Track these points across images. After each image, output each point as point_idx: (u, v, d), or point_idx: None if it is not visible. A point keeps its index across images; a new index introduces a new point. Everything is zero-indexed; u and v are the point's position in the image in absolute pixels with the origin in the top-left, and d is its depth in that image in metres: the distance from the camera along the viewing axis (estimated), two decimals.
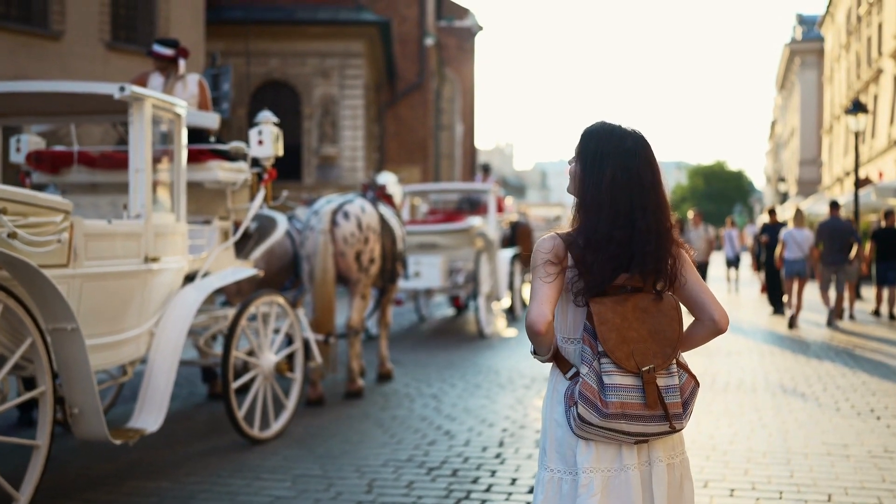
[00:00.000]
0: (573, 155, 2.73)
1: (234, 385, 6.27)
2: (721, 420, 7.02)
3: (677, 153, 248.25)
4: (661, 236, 2.66)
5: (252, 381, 6.66)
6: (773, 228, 16.04)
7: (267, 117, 6.59)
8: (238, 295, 7.87)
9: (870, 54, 34.05)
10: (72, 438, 5.69)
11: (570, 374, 2.66)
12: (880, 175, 29.81)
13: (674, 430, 2.59)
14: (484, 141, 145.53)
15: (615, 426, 2.50)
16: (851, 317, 15.08)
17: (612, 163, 2.63)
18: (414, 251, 12.84)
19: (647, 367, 2.53)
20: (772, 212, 16.93)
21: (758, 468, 5.61)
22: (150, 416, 5.19)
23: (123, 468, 5.73)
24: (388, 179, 9.64)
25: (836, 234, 13.95)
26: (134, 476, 5.57)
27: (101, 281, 4.85)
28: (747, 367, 9.68)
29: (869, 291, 18.99)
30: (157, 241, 5.34)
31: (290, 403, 6.84)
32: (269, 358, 6.61)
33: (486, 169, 16.78)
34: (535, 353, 2.73)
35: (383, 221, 8.39)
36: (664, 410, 2.53)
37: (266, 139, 6.48)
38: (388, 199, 9.29)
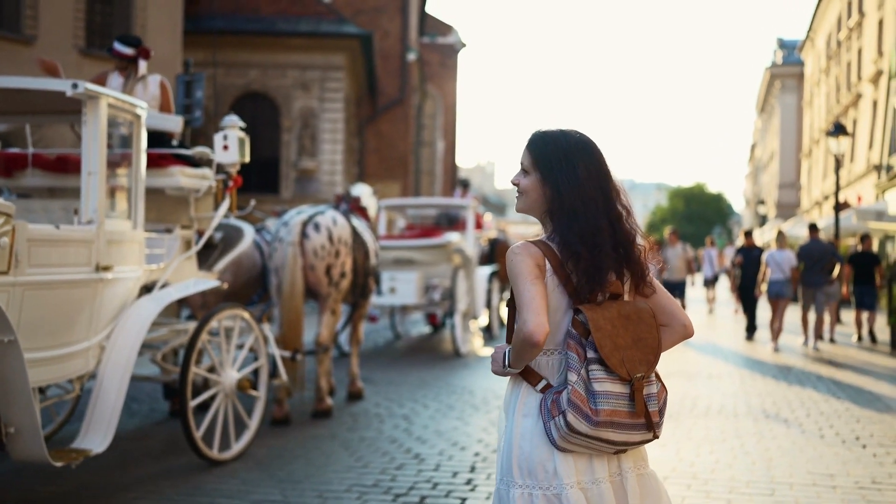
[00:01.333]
0: (520, 170, 2.65)
1: (193, 403, 5.95)
2: (702, 447, 6.75)
3: (657, 175, 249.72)
4: (635, 235, 2.64)
5: (212, 398, 6.34)
6: (748, 251, 15.64)
7: (233, 121, 6.29)
8: (203, 308, 7.55)
9: (849, 79, 34.18)
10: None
11: (540, 386, 2.58)
12: (859, 199, 29.82)
13: (654, 439, 2.57)
14: (465, 158, 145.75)
15: (603, 435, 2.45)
16: (832, 340, 15.08)
17: (580, 157, 2.59)
18: (390, 266, 12.56)
19: (638, 375, 2.50)
20: (748, 234, 16.50)
21: (741, 499, 5.34)
22: (96, 436, 4.85)
23: (69, 491, 5.39)
24: (362, 191, 9.34)
25: (816, 256, 14.12)
26: (80, 499, 5.23)
27: (45, 290, 4.53)
28: (728, 391, 9.43)
29: (849, 315, 18.84)
30: (111, 248, 5.02)
31: (253, 423, 6.52)
32: (231, 375, 6.29)
33: (465, 185, 16.51)
34: (508, 366, 2.59)
35: (356, 234, 8.10)
36: (647, 419, 2.51)
37: (231, 144, 6.18)
38: (361, 212, 9.00)
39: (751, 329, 15.49)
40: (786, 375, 10.73)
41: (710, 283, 23.28)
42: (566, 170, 2.56)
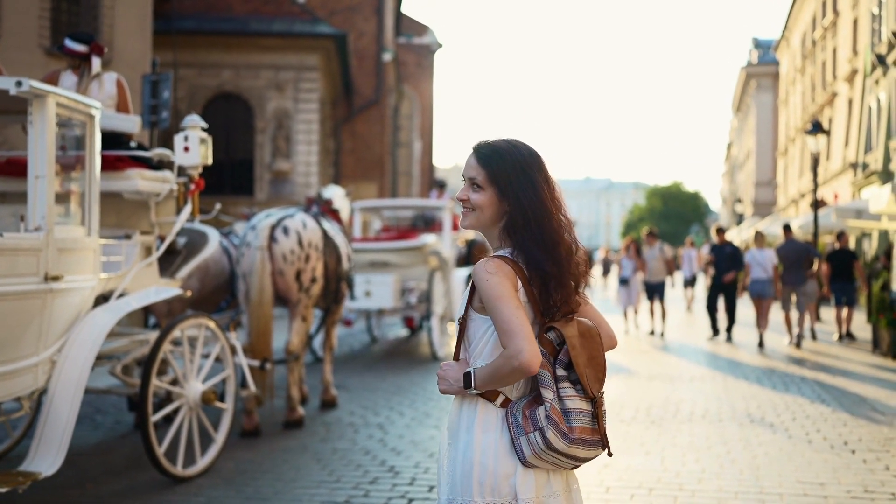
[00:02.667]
0: (470, 184, 2.55)
1: (155, 417, 5.65)
2: (687, 455, 6.52)
3: (634, 174, 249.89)
4: (578, 246, 2.62)
5: (176, 412, 6.04)
6: (720, 249, 15.23)
7: (194, 121, 5.98)
8: (169, 316, 7.25)
9: (824, 78, 34.23)
10: None
11: (499, 401, 2.51)
12: (836, 197, 29.84)
13: (607, 454, 2.57)
14: (443, 159, 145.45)
15: (574, 452, 2.44)
16: (813, 336, 15.16)
17: (535, 170, 2.54)
18: (365, 270, 12.28)
19: (601, 392, 2.51)
20: (720, 230, 16.05)
21: None
22: (46, 458, 4.54)
23: None
24: (334, 193, 9.05)
25: (792, 255, 14.35)
26: None
27: None
28: (711, 395, 9.22)
29: (829, 314, 18.77)
30: (61, 257, 4.72)
31: (220, 437, 6.22)
32: (196, 387, 5.99)
33: (442, 185, 16.24)
34: (474, 388, 2.48)
35: (326, 238, 7.81)
36: (603, 435, 2.51)
37: (193, 145, 5.86)
38: (334, 215, 8.70)
39: (715, 328, 15.11)
40: (769, 377, 10.54)
41: (690, 283, 23.47)
42: (525, 184, 2.50)
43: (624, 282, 16.25)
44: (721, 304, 15.10)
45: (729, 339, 14.83)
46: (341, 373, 10.80)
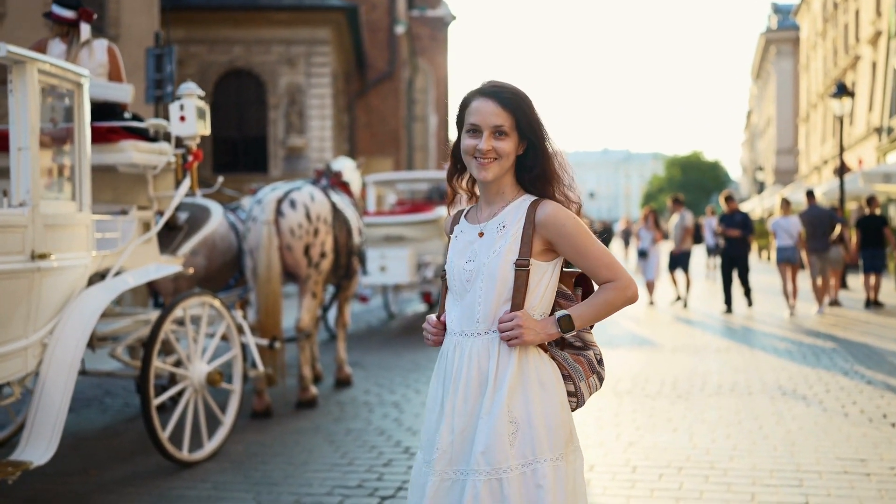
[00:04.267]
0: (495, 131, 2.48)
1: (158, 400, 5.39)
2: (717, 430, 6.20)
3: (653, 144, 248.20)
4: None
5: (181, 394, 5.78)
6: (730, 217, 14.60)
7: (190, 90, 5.65)
8: (175, 295, 6.98)
9: (847, 41, 33.49)
10: None
11: (548, 352, 2.58)
12: (860, 162, 29.23)
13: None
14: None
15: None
16: (836, 303, 14.90)
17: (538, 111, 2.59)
18: (379, 244, 12.01)
19: None
20: (729, 198, 15.20)
21: (766, 492, 4.79)
22: (37, 446, 4.28)
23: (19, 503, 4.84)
24: (344, 165, 8.73)
25: (816, 222, 14.13)
26: None
27: None
28: (739, 366, 8.89)
29: (857, 281, 18.34)
30: (50, 234, 4.44)
31: (227, 419, 5.97)
32: (200, 368, 5.73)
33: None
34: (570, 329, 2.51)
35: (336, 211, 7.50)
36: None
37: (189, 115, 5.55)
38: (344, 187, 8.39)
39: (730, 302, 14.35)
40: (798, 347, 10.19)
41: (713, 252, 23.00)
42: (544, 127, 2.53)
43: (643, 254, 15.81)
44: (735, 277, 14.54)
45: (749, 304, 14.56)
46: (357, 350, 10.55)
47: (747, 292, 14.64)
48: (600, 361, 2.63)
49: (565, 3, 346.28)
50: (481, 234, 2.53)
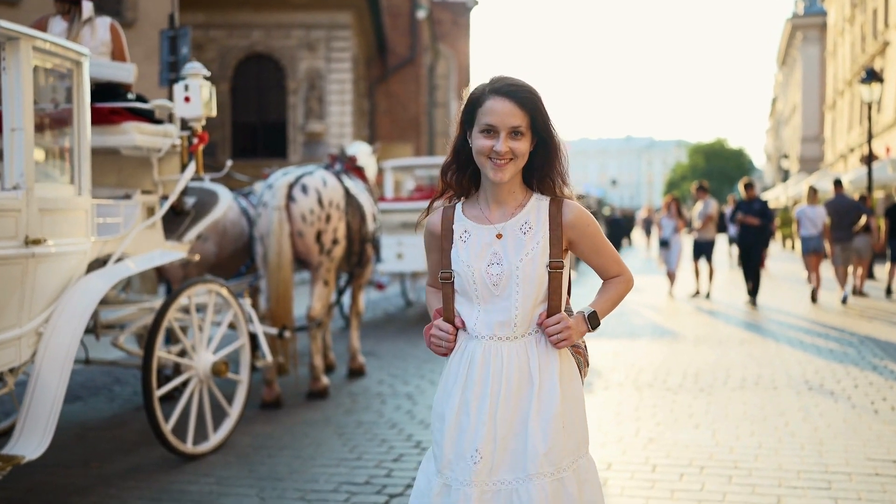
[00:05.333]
0: (512, 131, 2.41)
1: (161, 391, 5.22)
2: (741, 427, 5.96)
3: (677, 131, 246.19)
4: None
5: (185, 385, 5.61)
6: (748, 205, 14.00)
7: (195, 69, 5.44)
8: (185, 282, 6.81)
9: (875, 27, 32.85)
10: None
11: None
12: (887, 150, 28.71)
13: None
14: None
15: None
16: (862, 293, 14.71)
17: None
18: (397, 230, 11.81)
19: None
20: (748, 185, 14.47)
21: (793, 494, 4.55)
22: (31, 440, 4.10)
23: (15, 497, 4.68)
24: (359, 150, 8.52)
25: (842, 211, 14.03)
26: None
27: None
28: (763, 359, 8.63)
29: (885, 271, 17.96)
30: (45, 218, 4.26)
31: (234, 410, 5.80)
32: (206, 358, 5.55)
33: None
34: (596, 327, 2.56)
35: (349, 196, 7.29)
36: None
37: (194, 95, 5.34)
38: (358, 172, 8.18)
39: (754, 293, 13.79)
40: (824, 339, 9.90)
41: (735, 240, 22.66)
42: (553, 124, 2.47)
43: (664, 243, 15.45)
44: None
45: (753, 303, 13.63)
46: (372, 339, 10.37)
47: (755, 289, 13.79)
48: (586, 347, 2.68)
49: None
50: (500, 236, 2.46)
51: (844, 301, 13.45)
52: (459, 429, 2.43)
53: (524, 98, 2.38)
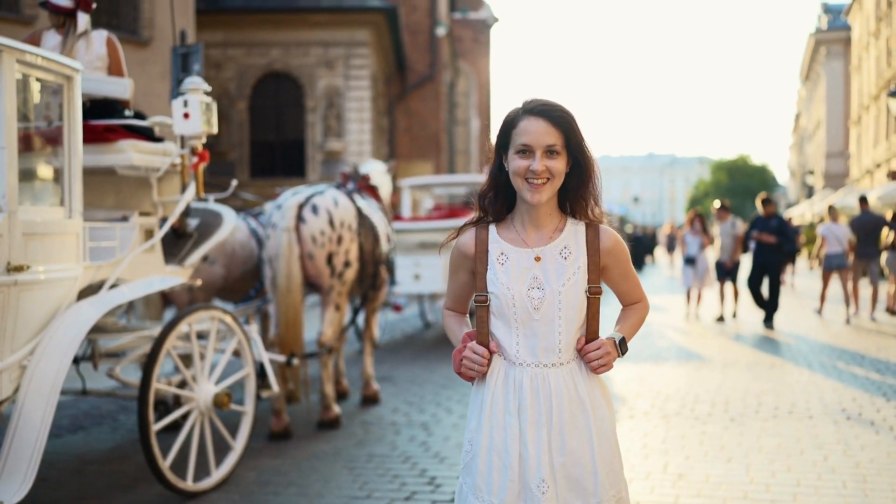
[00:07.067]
0: (547, 151, 2.43)
1: (158, 425, 4.92)
2: (776, 462, 5.58)
3: (699, 148, 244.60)
4: None
5: (185, 417, 5.31)
6: (765, 222, 13.15)
7: (195, 84, 5.17)
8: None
9: None
10: None
11: None
12: None
13: None
14: None
15: None
16: (894, 312, 14.35)
17: None
18: (414, 251, 11.50)
19: None
20: (766, 201, 13.58)
21: None
22: (12, 482, 3.80)
23: None
24: (373, 168, 8.23)
25: (868, 228, 14.20)
26: None
27: None
28: (796, 386, 8.23)
29: None
30: (30, 243, 3.98)
31: (238, 444, 5.49)
32: (207, 388, 5.25)
33: None
34: (623, 353, 2.56)
35: (361, 217, 6.99)
36: None
37: (193, 112, 5.06)
38: (371, 192, 7.88)
39: (769, 317, 13.05)
40: (859, 363, 9.48)
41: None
42: (587, 145, 2.50)
43: (690, 261, 14.85)
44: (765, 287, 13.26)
45: (770, 325, 12.93)
46: (387, 363, 10.05)
47: (772, 311, 13.02)
48: None
49: (610, 5, 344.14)
50: (538, 259, 2.47)
51: (847, 321, 13.43)
52: (521, 459, 2.43)
53: (558, 117, 2.41)
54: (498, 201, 2.54)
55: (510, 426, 2.43)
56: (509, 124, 2.47)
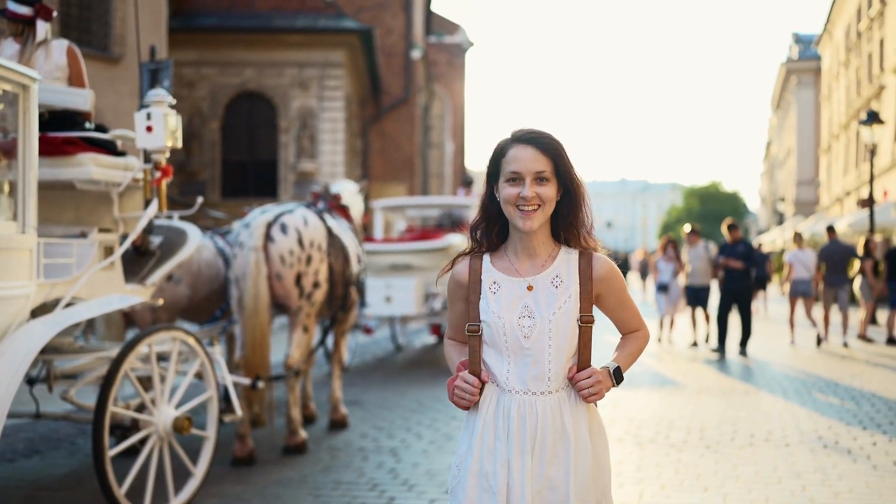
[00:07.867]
0: (536, 178, 2.45)
1: (114, 451, 4.71)
2: (754, 491, 5.45)
3: (672, 174, 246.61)
4: None
5: (143, 442, 5.10)
6: (732, 248, 13.02)
7: (159, 96, 5.00)
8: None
9: (871, 70, 32.78)
10: None
11: None
12: (885, 194, 28.43)
13: None
14: (475, 160, 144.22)
15: None
16: (866, 338, 14.62)
17: None
18: (385, 273, 11.33)
19: None
20: (732, 227, 13.39)
21: None
22: None
23: None
24: (344, 188, 8.07)
25: (836, 257, 14.37)
26: None
27: None
28: (772, 412, 8.13)
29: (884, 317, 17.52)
30: None
31: (199, 470, 5.28)
32: (167, 412, 5.05)
33: (469, 183, 15.30)
34: (620, 382, 2.56)
35: (332, 236, 6.83)
36: None
37: (156, 125, 4.89)
38: (342, 212, 7.72)
39: (722, 345, 12.88)
40: (834, 391, 9.41)
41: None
42: (576, 173, 2.52)
43: (662, 288, 14.71)
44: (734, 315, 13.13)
45: (743, 352, 12.84)
46: (357, 386, 9.85)
47: (745, 337, 12.97)
48: None
49: (584, 32, 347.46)
50: (531, 288, 2.47)
51: (819, 343, 13.80)
52: (508, 487, 2.43)
53: (546, 144, 2.43)
54: (491, 231, 2.55)
55: (499, 452, 2.45)
56: (498, 154, 2.49)
